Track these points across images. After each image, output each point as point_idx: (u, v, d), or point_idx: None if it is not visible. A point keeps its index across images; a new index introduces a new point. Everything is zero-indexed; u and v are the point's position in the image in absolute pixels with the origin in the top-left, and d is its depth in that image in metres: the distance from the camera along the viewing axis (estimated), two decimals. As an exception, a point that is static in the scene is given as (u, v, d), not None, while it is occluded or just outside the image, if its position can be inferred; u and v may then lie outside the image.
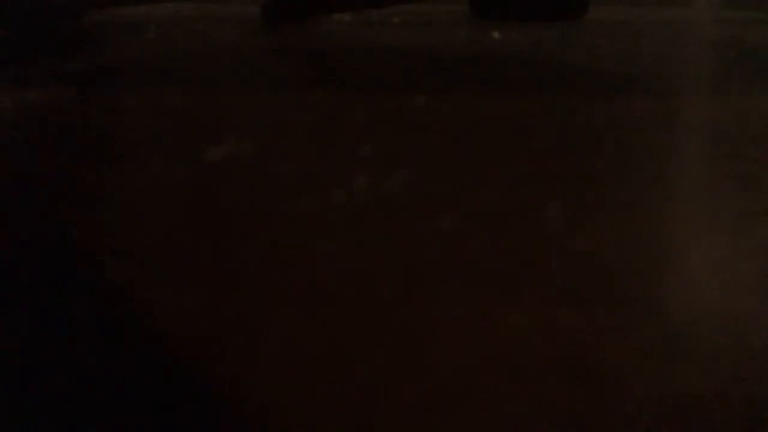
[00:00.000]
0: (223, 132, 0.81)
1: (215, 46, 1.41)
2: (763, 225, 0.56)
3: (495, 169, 0.68)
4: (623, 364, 0.37)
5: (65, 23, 1.52)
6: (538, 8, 1.83)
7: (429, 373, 0.36)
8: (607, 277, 0.47)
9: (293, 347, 0.38)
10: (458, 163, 0.70)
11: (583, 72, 1.16)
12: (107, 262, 0.49)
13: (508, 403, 0.34)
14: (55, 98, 0.96)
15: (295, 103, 0.96)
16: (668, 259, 0.50)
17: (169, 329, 0.40)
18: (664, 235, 0.54)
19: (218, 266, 0.48)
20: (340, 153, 0.74)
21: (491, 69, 1.19)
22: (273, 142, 0.78)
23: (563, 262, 0.49)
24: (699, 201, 0.62)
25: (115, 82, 1.10)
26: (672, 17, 1.94)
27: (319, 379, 0.36)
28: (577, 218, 0.56)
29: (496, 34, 1.56)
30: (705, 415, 0.33)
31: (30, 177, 0.66)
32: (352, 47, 1.42)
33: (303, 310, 0.42)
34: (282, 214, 0.57)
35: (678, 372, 0.36)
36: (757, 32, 1.67)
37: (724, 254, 0.50)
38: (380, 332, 0.40)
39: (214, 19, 1.79)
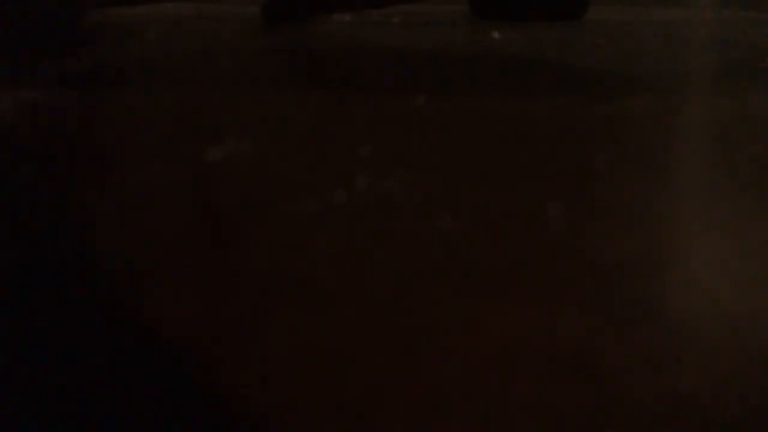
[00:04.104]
0: (223, 132, 0.81)
1: (215, 46, 1.41)
2: (763, 225, 0.56)
3: (495, 169, 0.68)
4: (623, 364, 0.37)
5: (65, 23, 1.52)
6: (538, 8, 1.83)
7: (428, 373, 0.36)
8: (608, 277, 0.47)
9: (293, 347, 0.38)
10: (458, 163, 0.70)
11: (583, 72, 1.16)
12: (105, 262, 0.49)
13: (507, 403, 0.34)
14: (55, 98, 0.96)
15: (295, 103, 0.96)
16: (669, 260, 0.50)
17: (167, 330, 0.40)
18: (664, 236, 0.54)
19: (217, 266, 0.48)
20: (340, 153, 0.74)
21: (491, 69, 1.19)
22: (273, 142, 0.78)
23: (564, 261, 0.49)
24: (700, 201, 0.62)
25: (115, 82, 1.10)
26: (672, 17, 1.94)
27: (318, 379, 0.36)
28: (578, 218, 0.56)
29: (496, 34, 1.56)
30: (705, 415, 0.33)
31: (29, 177, 0.66)
32: (352, 47, 1.42)
33: (303, 311, 0.42)
34: (282, 214, 0.57)
35: (678, 372, 0.36)
36: (757, 32, 1.66)
37: (724, 254, 0.50)
38: (380, 332, 0.40)
39: (214, 19, 1.79)
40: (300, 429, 0.32)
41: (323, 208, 0.58)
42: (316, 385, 0.35)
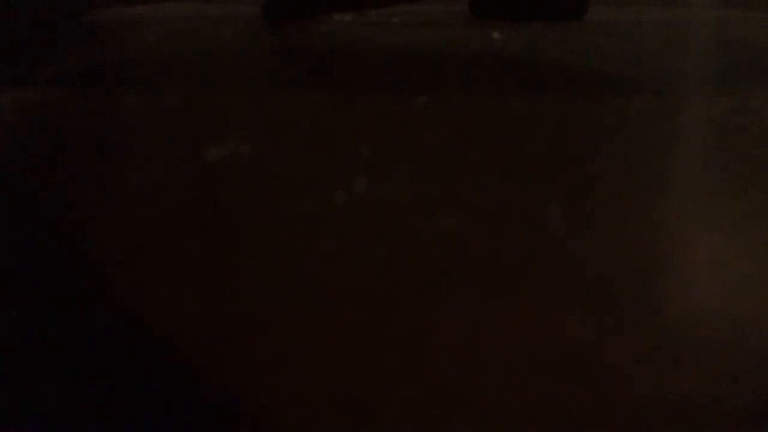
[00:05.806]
0: (223, 132, 0.81)
1: (215, 46, 1.41)
2: (763, 226, 0.56)
3: (495, 170, 0.68)
4: (623, 364, 0.37)
5: (65, 23, 1.52)
6: (538, 8, 1.83)
7: (428, 373, 0.36)
8: (608, 277, 0.47)
9: (293, 348, 0.38)
10: (458, 163, 0.70)
11: (583, 72, 1.16)
12: (105, 263, 0.49)
13: (507, 404, 0.34)
14: (55, 98, 0.96)
15: (295, 103, 0.96)
16: (668, 260, 0.50)
17: (167, 331, 0.40)
18: (664, 236, 0.54)
19: (218, 267, 0.48)
20: (340, 153, 0.74)
21: (491, 69, 1.19)
22: (273, 142, 0.78)
23: (563, 262, 0.49)
24: (699, 202, 0.62)
25: (115, 82, 1.10)
26: (672, 17, 1.94)
27: (318, 379, 0.36)
28: (578, 218, 0.56)
29: (496, 34, 1.56)
30: (705, 415, 0.33)
31: (29, 177, 0.66)
32: (352, 47, 1.42)
33: (303, 311, 0.42)
34: (282, 214, 0.57)
35: (678, 372, 0.36)
36: (757, 32, 1.67)
37: (724, 255, 0.50)
38: (380, 332, 0.40)
39: (214, 19, 1.79)
40: (300, 429, 0.32)
41: (324, 208, 0.58)
42: (315, 385, 0.35)
